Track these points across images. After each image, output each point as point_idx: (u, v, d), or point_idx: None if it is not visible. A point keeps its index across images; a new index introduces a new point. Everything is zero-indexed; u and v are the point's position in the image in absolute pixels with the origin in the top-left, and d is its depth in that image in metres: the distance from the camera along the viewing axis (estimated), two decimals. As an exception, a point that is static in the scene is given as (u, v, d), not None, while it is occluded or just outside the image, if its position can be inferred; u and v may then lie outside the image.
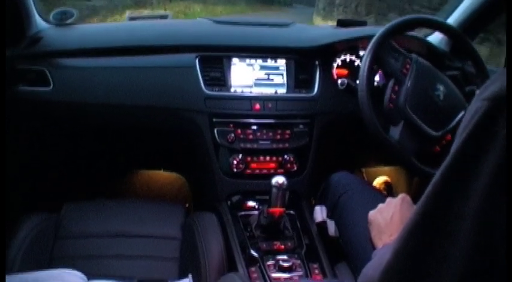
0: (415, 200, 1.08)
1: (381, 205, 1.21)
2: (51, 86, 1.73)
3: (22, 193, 1.89)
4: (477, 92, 0.68)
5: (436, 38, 1.99)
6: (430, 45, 1.93)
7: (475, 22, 1.87)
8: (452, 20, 1.90)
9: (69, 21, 1.95)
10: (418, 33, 2.00)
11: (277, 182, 1.58)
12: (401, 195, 1.20)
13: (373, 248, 1.16)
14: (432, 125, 1.55)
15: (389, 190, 2.21)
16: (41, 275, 1.34)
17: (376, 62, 1.61)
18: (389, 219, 1.15)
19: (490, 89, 0.63)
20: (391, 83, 1.61)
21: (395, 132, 1.56)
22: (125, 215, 1.71)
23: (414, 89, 1.57)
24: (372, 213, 1.21)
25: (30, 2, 1.77)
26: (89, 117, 1.87)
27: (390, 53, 1.62)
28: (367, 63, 1.57)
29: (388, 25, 1.63)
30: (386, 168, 2.21)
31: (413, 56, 1.63)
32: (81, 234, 1.61)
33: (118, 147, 2.06)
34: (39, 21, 1.86)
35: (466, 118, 0.65)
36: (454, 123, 1.55)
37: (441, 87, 1.59)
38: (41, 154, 1.96)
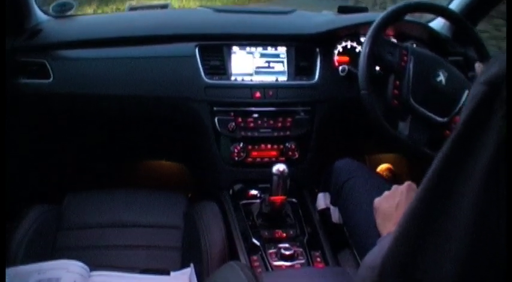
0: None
1: (386, 192, 1.21)
2: (52, 78, 1.73)
3: (24, 184, 1.89)
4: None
5: (438, 23, 1.98)
6: (432, 31, 1.92)
7: (477, 7, 1.85)
8: (454, 5, 1.88)
9: (68, 13, 1.95)
10: (420, 19, 1.98)
11: (278, 170, 1.58)
12: (407, 183, 1.19)
13: (378, 235, 1.16)
14: (439, 111, 1.54)
15: (392, 177, 2.21)
16: (44, 266, 1.34)
17: (373, 60, 1.60)
18: (395, 206, 1.15)
19: (488, 73, 0.62)
20: (391, 79, 1.60)
21: (405, 127, 1.56)
22: (127, 205, 1.71)
23: (415, 80, 1.56)
24: (377, 200, 1.21)
25: None
26: (89, 109, 1.87)
27: (385, 49, 1.61)
28: (367, 49, 1.57)
29: (389, 10, 1.62)
30: (388, 155, 2.20)
31: (408, 45, 1.63)
32: (84, 224, 1.61)
33: (119, 138, 2.06)
34: (38, 14, 1.86)
35: (468, 102, 0.65)
36: (460, 104, 1.55)
37: (442, 72, 1.58)
38: (42, 145, 1.97)
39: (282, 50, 1.85)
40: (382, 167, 2.24)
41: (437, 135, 1.56)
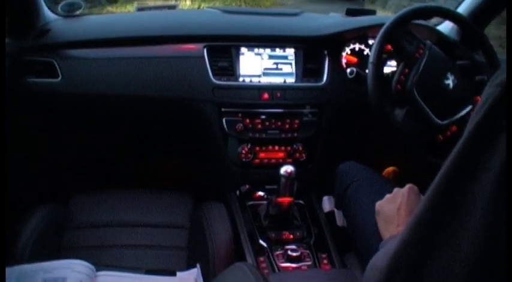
0: (422, 190, 1.08)
1: (388, 195, 1.21)
2: (60, 77, 1.73)
3: (31, 184, 1.90)
4: (489, 80, 0.68)
5: (446, 27, 1.97)
6: (440, 35, 1.91)
7: (484, 11, 1.85)
8: (462, 9, 1.88)
9: (77, 12, 1.95)
10: (428, 22, 1.98)
11: (285, 172, 1.59)
12: (408, 186, 1.19)
13: (381, 238, 1.15)
14: (438, 113, 1.54)
15: (397, 180, 2.20)
16: (51, 265, 1.35)
17: (389, 43, 1.60)
18: (396, 209, 1.14)
19: (503, 75, 0.62)
20: (401, 65, 1.59)
21: (400, 113, 1.56)
22: (133, 204, 1.72)
23: (424, 75, 1.55)
24: (379, 204, 1.21)
25: None
26: (97, 108, 1.87)
27: (405, 37, 1.61)
28: (376, 52, 1.56)
29: (398, 14, 1.62)
30: (394, 158, 2.20)
31: (428, 42, 1.62)
32: (90, 224, 1.62)
33: (126, 138, 2.06)
34: (47, 13, 1.86)
35: (479, 104, 0.64)
36: (460, 115, 1.54)
37: (451, 77, 1.57)
38: (49, 145, 1.97)
39: (290, 51, 1.85)
40: (388, 170, 2.24)
41: (429, 135, 1.56)
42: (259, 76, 1.82)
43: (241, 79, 1.81)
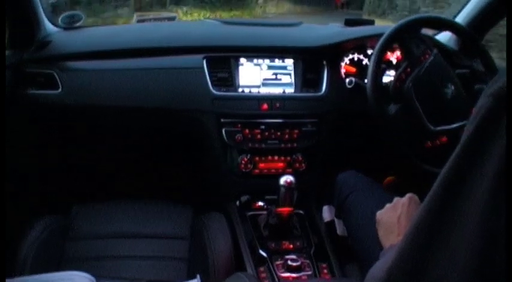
0: (422, 199, 1.08)
1: (388, 205, 1.21)
2: (60, 89, 1.74)
3: (32, 195, 1.90)
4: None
5: (445, 36, 1.98)
6: (439, 44, 1.92)
7: (483, 20, 1.86)
8: (460, 18, 1.89)
9: (77, 24, 1.97)
10: (426, 31, 1.98)
11: (285, 182, 1.59)
12: (408, 195, 1.19)
13: (381, 248, 1.16)
14: (431, 118, 1.54)
15: (397, 189, 2.19)
16: (52, 277, 1.35)
17: (398, 42, 1.63)
18: (396, 219, 1.15)
19: (495, 86, 0.63)
20: (405, 64, 1.61)
21: (393, 109, 1.57)
22: (134, 215, 1.72)
23: (425, 78, 1.56)
24: (379, 213, 1.21)
25: (39, 6, 1.78)
26: (97, 120, 1.88)
27: (414, 40, 1.63)
28: (374, 62, 1.57)
29: (396, 24, 1.63)
30: (394, 167, 2.20)
31: (435, 50, 1.63)
32: (91, 235, 1.62)
33: (126, 149, 2.07)
34: (48, 25, 1.87)
35: (473, 114, 0.65)
36: (453, 126, 1.55)
37: (451, 87, 1.58)
38: (50, 156, 1.98)
39: (289, 62, 1.86)
40: (388, 179, 2.24)
41: (418, 138, 1.57)
42: (258, 87, 1.83)
43: (240, 90, 1.81)
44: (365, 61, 1.91)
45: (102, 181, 2.09)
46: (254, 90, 1.82)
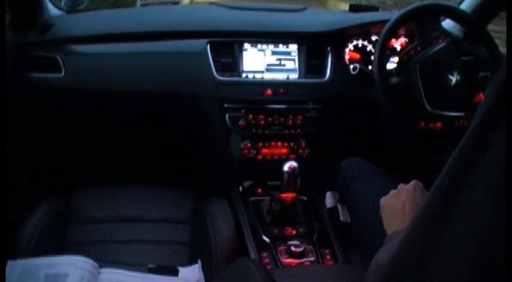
0: (427, 186, 1.07)
1: (392, 191, 1.21)
2: (63, 73, 1.73)
3: (35, 178, 1.90)
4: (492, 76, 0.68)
5: (449, 23, 1.97)
6: (443, 31, 1.91)
7: (487, 7, 1.84)
8: (465, 5, 1.88)
9: (80, 7, 1.95)
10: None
11: (289, 167, 1.59)
12: (413, 182, 1.19)
13: (385, 234, 1.15)
14: (430, 100, 1.54)
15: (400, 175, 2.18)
16: (54, 260, 1.36)
17: (414, 21, 1.63)
18: (401, 205, 1.14)
19: (503, 73, 0.62)
20: (416, 42, 1.62)
21: (395, 80, 1.59)
22: (136, 199, 1.72)
23: (432, 60, 1.56)
24: (383, 199, 1.21)
25: None
26: (100, 103, 1.87)
27: (431, 24, 1.63)
28: (380, 49, 1.57)
29: (401, 12, 1.62)
30: (398, 153, 2.19)
31: (449, 39, 1.62)
32: (93, 219, 1.62)
33: (129, 133, 2.07)
34: (50, 8, 1.86)
35: (483, 100, 0.64)
36: (451, 114, 1.55)
37: (456, 76, 1.57)
38: (53, 140, 1.98)
39: (293, 47, 1.85)
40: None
41: (412, 116, 1.57)
42: (262, 72, 1.82)
43: (244, 75, 1.80)
44: (369, 47, 1.91)
45: (104, 165, 2.09)
46: (258, 76, 1.81)
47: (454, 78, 1.57)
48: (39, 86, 1.76)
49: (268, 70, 1.82)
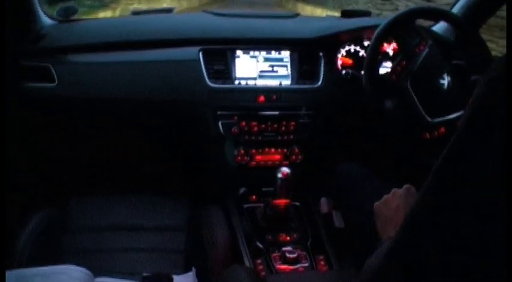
0: (419, 189, 1.08)
1: (386, 196, 1.21)
2: (56, 82, 1.74)
3: (30, 187, 1.90)
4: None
5: (441, 27, 1.98)
6: (435, 35, 1.92)
7: (479, 11, 1.85)
8: (456, 9, 1.89)
9: (72, 17, 1.96)
10: (423, 22, 1.98)
11: (282, 174, 1.59)
12: (406, 186, 1.19)
13: (379, 239, 1.16)
14: (428, 110, 1.54)
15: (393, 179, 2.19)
16: (49, 270, 1.35)
17: (392, 35, 1.64)
18: (394, 211, 1.15)
19: (490, 75, 0.63)
20: (400, 57, 1.62)
21: (391, 103, 1.58)
22: (131, 208, 1.72)
23: (421, 70, 1.57)
24: (377, 205, 1.21)
25: None
26: (94, 112, 1.87)
27: (408, 32, 1.64)
28: (370, 54, 1.58)
29: (393, 16, 1.63)
30: (391, 158, 2.20)
31: (430, 42, 1.63)
32: (88, 228, 1.63)
33: (123, 141, 2.06)
34: (43, 18, 1.86)
35: (469, 104, 0.65)
36: (450, 117, 1.55)
37: (447, 78, 1.58)
38: (48, 148, 1.97)
39: (285, 54, 1.85)
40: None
41: (416, 130, 1.57)
42: (255, 79, 1.82)
43: (237, 82, 1.81)
44: (362, 53, 1.91)
45: (99, 173, 2.09)
46: (251, 83, 1.82)
47: (445, 82, 1.57)
48: (32, 95, 1.76)
49: (260, 76, 1.82)
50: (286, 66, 1.85)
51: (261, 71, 1.83)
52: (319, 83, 1.84)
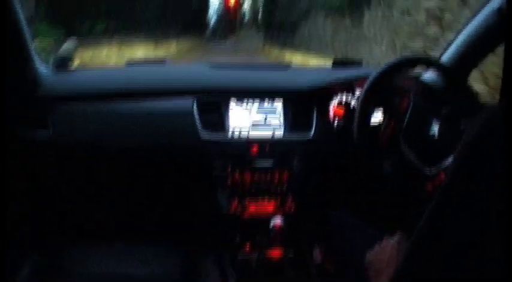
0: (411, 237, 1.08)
1: (378, 245, 1.21)
2: (51, 131, 1.74)
3: (21, 236, 1.88)
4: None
5: (431, 74, 2.00)
6: (425, 82, 1.95)
7: (468, 59, 1.88)
8: (446, 57, 1.92)
9: (68, 66, 1.98)
10: (412, 70, 2.01)
11: (275, 224, 1.59)
12: (398, 235, 1.19)
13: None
14: (426, 161, 1.55)
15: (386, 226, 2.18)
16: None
17: (374, 99, 1.63)
18: (386, 262, 1.15)
19: (477, 124, 0.65)
20: (387, 118, 1.63)
21: (389, 165, 1.58)
22: (124, 258, 1.70)
23: (410, 126, 1.59)
24: (369, 255, 1.21)
25: (31, 46, 1.79)
26: (87, 161, 1.87)
27: (389, 91, 1.64)
28: (361, 105, 1.59)
29: (383, 66, 1.65)
30: (384, 205, 2.20)
31: (411, 95, 1.65)
32: (82, 279, 1.60)
33: (115, 190, 2.05)
34: (39, 66, 1.88)
35: (456, 152, 0.67)
36: (448, 162, 1.55)
37: (437, 125, 1.59)
38: (40, 196, 1.96)
39: (278, 105, 1.87)
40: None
41: (419, 185, 1.57)
42: (248, 129, 1.83)
43: (230, 133, 1.82)
44: (353, 102, 1.93)
45: (91, 221, 2.07)
46: (244, 133, 1.83)
47: (436, 128, 1.58)
48: (26, 142, 1.76)
49: (254, 127, 1.84)
50: (279, 117, 1.87)
51: (254, 122, 1.85)
52: (312, 133, 1.86)
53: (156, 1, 16.06)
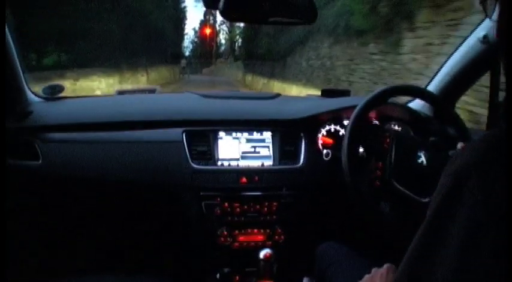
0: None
1: (367, 276, 1.21)
2: (40, 160, 1.74)
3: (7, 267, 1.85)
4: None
5: (418, 103, 2.02)
6: (412, 111, 1.96)
7: (454, 87, 1.90)
8: (432, 86, 1.94)
9: (58, 95, 1.98)
10: (400, 99, 2.03)
11: (264, 256, 1.59)
12: (386, 266, 1.19)
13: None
14: (420, 192, 1.55)
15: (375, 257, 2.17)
16: None
17: (357, 142, 1.63)
18: None
19: (455, 164, 0.66)
20: (373, 161, 1.63)
21: (386, 207, 1.57)
22: None
23: (397, 162, 1.59)
24: None
25: (21, 76, 1.79)
26: (77, 191, 1.86)
27: (368, 132, 1.66)
28: (349, 134, 1.60)
29: (369, 96, 1.67)
30: (373, 237, 2.20)
31: (391, 128, 1.66)
32: None
33: (106, 220, 2.04)
34: (29, 95, 1.88)
35: (436, 191, 0.68)
36: None
37: (422, 154, 1.59)
38: (30, 227, 1.94)
39: (267, 135, 1.89)
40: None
41: (418, 216, 1.56)
42: (237, 160, 1.84)
43: (219, 163, 1.82)
44: (341, 132, 1.95)
45: (77, 252, 2.05)
46: (233, 164, 1.84)
47: (423, 158, 1.59)
48: (16, 173, 1.75)
49: (243, 157, 1.85)
50: (268, 147, 1.88)
51: (243, 152, 1.86)
52: (300, 163, 1.87)
53: (125, 30, 15.88)
